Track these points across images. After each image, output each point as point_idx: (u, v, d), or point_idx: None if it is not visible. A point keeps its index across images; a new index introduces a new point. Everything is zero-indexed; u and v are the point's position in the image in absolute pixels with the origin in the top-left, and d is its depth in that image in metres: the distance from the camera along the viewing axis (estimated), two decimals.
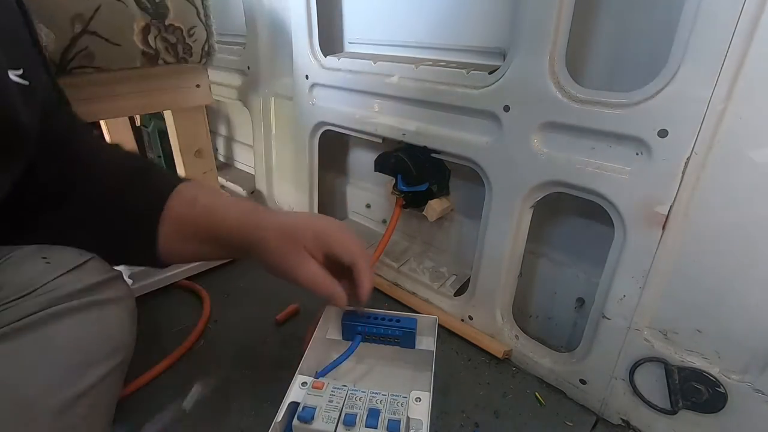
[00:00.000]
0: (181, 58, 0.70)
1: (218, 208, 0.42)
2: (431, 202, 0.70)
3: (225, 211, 0.42)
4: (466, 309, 0.64)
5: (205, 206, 0.42)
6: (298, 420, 0.36)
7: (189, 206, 0.41)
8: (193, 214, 0.41)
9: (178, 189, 0.42)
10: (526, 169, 0.51)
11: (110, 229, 0.41)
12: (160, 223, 0.40)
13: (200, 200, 0.42)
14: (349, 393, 0.38)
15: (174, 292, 0.72)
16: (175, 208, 0.41)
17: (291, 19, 0.74)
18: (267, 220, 0.42)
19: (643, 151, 0.42)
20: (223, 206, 0.42)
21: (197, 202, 0.42)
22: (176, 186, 0.42)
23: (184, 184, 0.43)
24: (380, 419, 0.36)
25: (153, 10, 0.63)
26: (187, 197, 0.42)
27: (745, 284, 0.39)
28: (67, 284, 0.40)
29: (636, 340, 0.47)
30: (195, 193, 0.42)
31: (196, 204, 0.42)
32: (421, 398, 0.38)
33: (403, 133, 0.64)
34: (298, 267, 0.41)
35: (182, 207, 0.41)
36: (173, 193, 0.41)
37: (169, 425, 0.50)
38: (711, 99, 0.37)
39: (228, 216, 0.42)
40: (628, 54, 0.48)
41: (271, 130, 0.91)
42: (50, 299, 0.38)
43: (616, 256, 0.46)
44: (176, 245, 0.42)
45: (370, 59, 0.66)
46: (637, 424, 0.50)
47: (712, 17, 0.35)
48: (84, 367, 0.38)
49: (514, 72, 0.49)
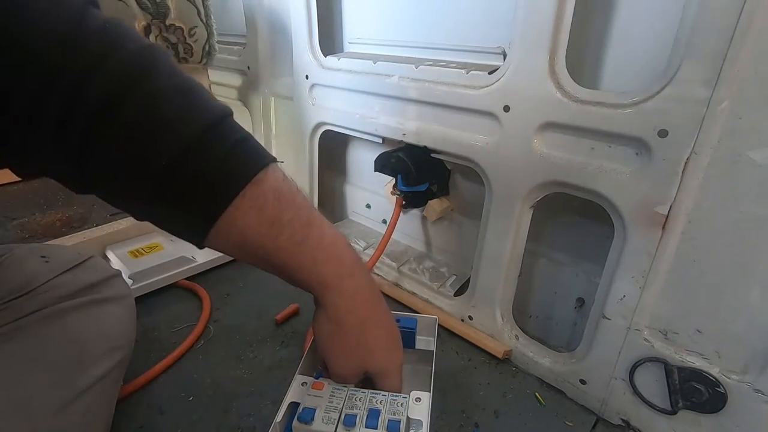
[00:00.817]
0: (181, 58, 0.70)
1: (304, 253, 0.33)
2: (431, 202, 0.70)
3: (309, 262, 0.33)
4: (466, 309, 0.64)
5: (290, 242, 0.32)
6: (298, 420, 0.36)
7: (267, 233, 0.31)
8: (270, 245, 0.31)
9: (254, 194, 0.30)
10: (526, 169, 0.51)
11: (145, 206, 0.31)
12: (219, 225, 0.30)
13: (285, 233, 0.32)
14: (349, 393, 0.38)
15: (174, 292, 0.72)
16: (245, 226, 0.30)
17: (291, 19, 0.74)
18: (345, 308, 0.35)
19: (643, 151, 0.42)
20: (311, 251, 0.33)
21: (281, 234, 0.31)
22: (249, 180, 0.30)
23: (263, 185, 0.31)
24: (380, 419, 0.36)
25: (154, 9, 0.63)
26: (266, 217, 0.31)
27: (745, 284, 0.39)
28: (66, 283, 0.40)
29: (636, 340, 0.47)
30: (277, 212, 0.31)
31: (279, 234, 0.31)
32: (421, 398, 0.38)
33: (403, 133, 0.64)
34: (345, 373, 0.38)
35: (256, 227, 0.31)
36: (244, 200, 0.30)
37: (169, 425, 0.50)
38: (711, 99, 0.37)
39: (309, 271, 0.33)
40: (628, 54, 0.48)
41: (271, 130, 0.91)
42: (49, 298, 0.38)
43: (616, 256, 0.46)
44: (231, 251, 0.33)
45: (370, 59, 0.66)
46: (637, 424, 0.50)
47: (712, 17, 0.35)
48: (83, 366, 0.38)
49: (514, 72, 0.49)
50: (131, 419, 0.50)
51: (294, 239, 0.32)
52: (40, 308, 0.38)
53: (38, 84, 0.24)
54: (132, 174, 0.28)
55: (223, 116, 0.30)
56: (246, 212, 0.30)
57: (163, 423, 0.50)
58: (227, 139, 0.30)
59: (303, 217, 0.33)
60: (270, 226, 0.31)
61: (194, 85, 0.30)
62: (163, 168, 0.28)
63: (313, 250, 0.33)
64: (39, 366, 0.35)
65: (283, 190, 0.32)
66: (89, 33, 0.26)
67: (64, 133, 0.26)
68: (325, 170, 0.87)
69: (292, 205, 0.32)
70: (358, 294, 0.36)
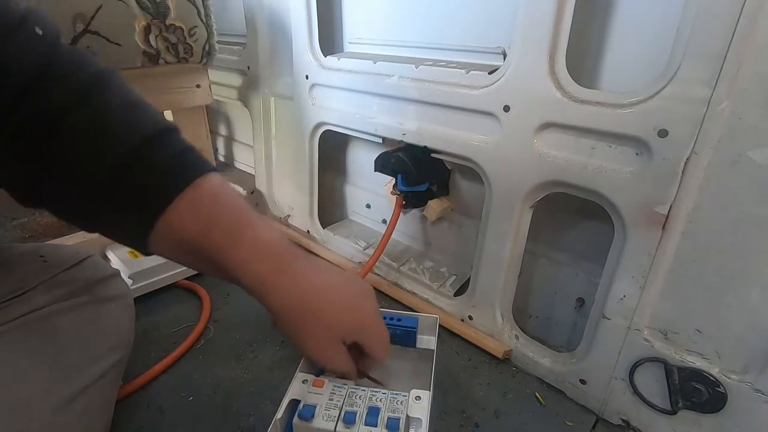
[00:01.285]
0: (181, 58, 0.70)
1: (242, 252, 0.33)
2: (431, 202, 0.70)
3: (249, 261, 0.33)
4: (466, 309, 0.64)
5: (224, 240, 0.32)
6: (298, 418, 0.36)
7: (202, 231, 0.32)
8: (204, 243, 0.32)
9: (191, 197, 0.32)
10: (526, 169, 0.51)
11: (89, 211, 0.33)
12: (157, 226, 0.32)
13: (217, 230, 0.32)
14: (349, 391, 0.38)
15: (174, 292, 0.72)
16: (182, 226, 0.32)
17: (291, 19, 0.74)
18: (294, 295, 0.35)
19: (643, 151, 0.42)
20: (247, 249, 0.33)
21: (214, 231, 0.32)
22: (187, 185, 0.32)
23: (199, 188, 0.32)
24: (380, 417, 0.36)
25: (154, 9, 0.63)
26: (202, 217, 0.32)
27: (745, 284, 0.39)
28: (64, 283, 0.40)
29: (636, 340, 0.47)
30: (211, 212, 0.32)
31: (212, 232, 0.32)
32: (420, 397, 0.38)
33: (403, 133, 0.64)
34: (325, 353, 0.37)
35: (192, 227, 0.32)
36: (181, 203, 0.31)
37: (169, 425, 0.50)
38: (711, 99, 0.37)
39: (251, 269, 0.34)
40: (628, 54, 0.48)
41: (271, 130, 0.91)
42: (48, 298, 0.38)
43: (616, 256, 0.46)
44: (172, 254, 0.34)
45: (370, 59, 0.66)
46: (637, 424, 0.50)
47: (712, 17, 0.35)
48: (82, 365, 0.38)
49: (514, 72, 0.49)
50: (131, 419, 0.50)
51: (229, 239, 0.33)
52: (38, 308, 0.37)
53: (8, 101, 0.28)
54: (79, 179, 0.30)
55: (166, 129, 0.33)
56: (183, 213, 0.32)
57: (163, 423, 0.50)
58: (169, 149, 0.32)
59: (238, 219, 0.34)
60: (205, 225, 0.32)
61: (141, 102, 0.33)
62: (108, 172, 0.30)
63: (247, 251, 0.33)
64: (38, 365, 0.35)
65: (220, 194, 0.33)
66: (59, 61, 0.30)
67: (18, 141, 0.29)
68: (325, 170, 0.87)
69: (227, 207, 0.33)
70: (297, 282, 0.35)
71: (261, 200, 0.97)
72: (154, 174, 0.31)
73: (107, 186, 0.30)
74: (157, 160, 0.31)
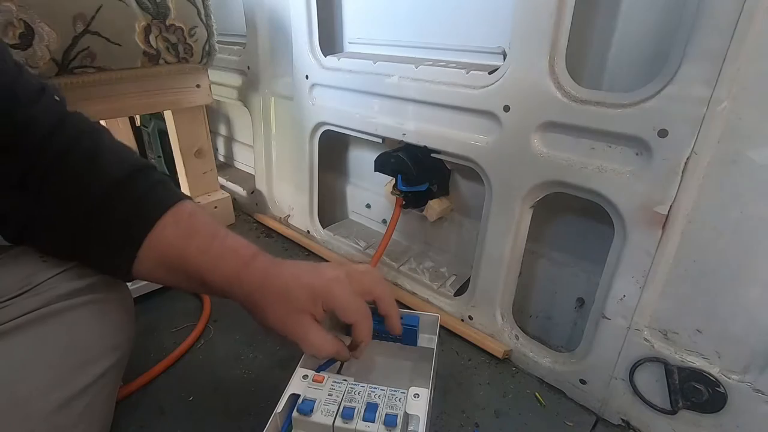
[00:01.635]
0: (182, 58, 0.70)
1: (210, 257, 0.38)
2: (431, 202, 0.70)
3: (216, 262, 0.38)
4: (466, 309, 0.64)
5: (197, 249, 0.38)
6: (297, 412, 0.36)
7: (180, 240, 0.38)
8: (182, 253, 0.38)
9: (175, 213, 0.38)
10: (526, 169, 0.51)
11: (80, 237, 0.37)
12: (144, 246, 0.37)
13: (193, 241, 0.38)
14: (349, 387, 0.39)
15: (174, 292, 0.72)
16: (166, 239, 0.37)
17: (291, 19, 0.74)
18: (257, 280, 0.38)
19: (643, 151, 0.42)
20: (215, 255, 0.38)
21: (191, 242, 0.38)
22: (169, 208, 0.38)
23: (177, 208, 0.38)
24: (378, 413, 0.36)
25: (154, 10, 0.63)
26: (182, 229, 0.38)
27: (745, 284, 0.39)
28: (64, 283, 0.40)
29: (636, 340, 0.47)
30: (190, 226, 0.38)
31: (189, 243, 0.38)
32: (419, 394, 0.38)
33: (403, 133, 0.64)
34: (298, 332, 0.38)
35: (172, 240, 0.37)
36: (166, 216, 0.38)
37: (169, 425, 0.50)
38: (711, 99, 0.37)
39: (218, 269, 0.38)
40: (628, 54, 0.48)
41: (271, 130, 0.91)
42: (47, 298, 0.38)
43: (616, 256, 0.46)
44: (155, 272, 0.39)
45: (370, 59, 0.66)
46: (637, 424, 0.50)
47: (712, 17, 0.35)
48: (81, 366, 0.38)
49: (514, 72, 0.49)
50: (131, 419, 0.50)
51: (201, 248, 0.38)
52: (38, 307, 0.37)
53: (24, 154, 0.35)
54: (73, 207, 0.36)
55: (145, 167, 0.39)
56: (164, 228, 0.37)
57: (163, 423, 0.50)
58: (149, 181, 0.39)
59: (210, 232, 0.39)
60: (183, 238, 0.38)
61: (124, 147, 0.40)
62: (100, 197, 0.36)
63: (215, 257, 0.38)
64: (38, 365, 0.35)
65: (195, 213, 0.39)
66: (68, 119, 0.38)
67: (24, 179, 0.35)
68: (325, 170, 0.87)
69: (202, 223, 0.39)
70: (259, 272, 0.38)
71: (261, 200, 0.97)
72: (138, 202, 0.37)
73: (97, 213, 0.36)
74: (139, 190, 0.38)
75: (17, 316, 0.36)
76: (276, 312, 0.38)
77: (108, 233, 0.37)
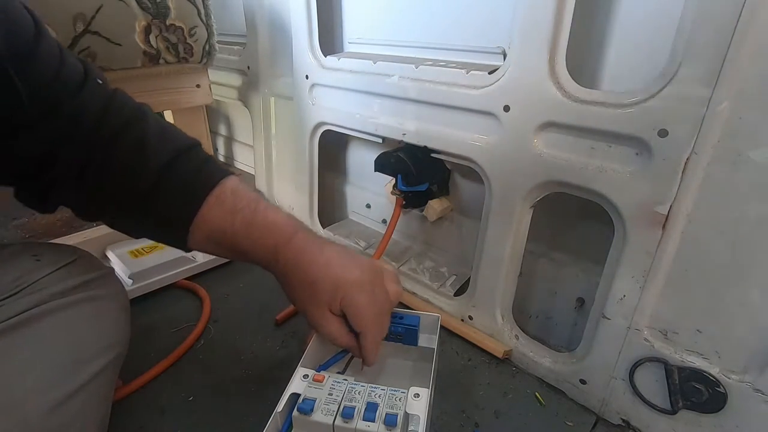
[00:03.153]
0: (182, 58, 0.70)
1: (252, 232, 0.40)
2: (431, 202, 0.70)
3: (257, 237, 0.40)
4: (466, 309, 0.64)
5: (240, 224, 0.39)
6: (297, 411, 0.36)
7: (226, 220, 0.39)
8: (228, 230, 0.39)
9: (217, 193, 0.39)
10: (526, 169, 0.51)
11: (139, 213, 0.40)
12: (194, 224, 0.39)
13: (236, 217, 0.39)
14: (349, 387, 0.38)
15: (174, 292, 0.72)
16: (211, 219, 0.39)
17: (291, 19, 0.74)
18: (292, 260, 0.39)
19: (643, 151, 0.42)
20: (257, 230, 0.40)
21: (235, 219, 0.39)
22: (216, 184, 0.40)
23: (220, 187, 0.40)
24: (378, 413, 0.36)
25: (154, 9, 0.63)
26: (226, 208, 0.39)
27: (745, 284, 0.39)
28: (58, 281, 0.40)
29: (636, 340, 0.47)
30: (233, 203, 0.40)
31: (232, 220, 0.39)
32: (419, 394, 0.38)
33: (403, 133, 0.64)
34: (316, 321, 0.40)
35: (218, 218, 0.39)
36: (211, 198, 0.39)
37: (169, 425, 0.50)
38: (711, 99, 0.37)
39: (259, 244, 0.40)
40: (628, 54, 0.48)
41: (271, 130, 0.91)
42: (41, 296, 0.38)
43: (616, 256, 0.46)
44: (206, 247, 0.41)
45: (370, 59, 0.66)
46: (637, 424, 0.50)
47: (712, 17, 0.35)
48: (77, 364, 0.38)
49: (514, 72, 0.49)
50: (131, 419, 0.50)
51: (244, 222, 0.39)
52: (32, 306, 0.37)
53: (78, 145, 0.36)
54: (128, 195, 0.38)
55: (192, 145, 0.41)
56: (212, 207, 0.39)
57: (163, 423, 0.50)
58: (195, 160, 0.40)
59: (252, 206, 0.40)
60: (228, 214, 0.39)
61: (171, 127, 0.41)
62: (151, 182, 0.37)
63: (259, 230, 0.40)
64: (33, 365, 0.35)
65: (239, 189, 0.41)
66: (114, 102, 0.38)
67: (83, 171, 0.37)
68: (325, 170, 0.87)
69: (245, 198, 0.40)
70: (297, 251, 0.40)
71: None
72: (187, 181, 0.39)
73: (151, 193, 0.38)
74: (187, 170, 0.39)
75: (11, 316, 0.36)
76: (301, 298, 0.40)
77: (162, 217, 0.39)
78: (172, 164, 0.38)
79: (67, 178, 0.37)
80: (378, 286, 0.41)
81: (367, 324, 0.40)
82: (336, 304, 0.39)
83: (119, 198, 0.38)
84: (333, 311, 0.40)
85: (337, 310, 0.40)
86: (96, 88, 0.38)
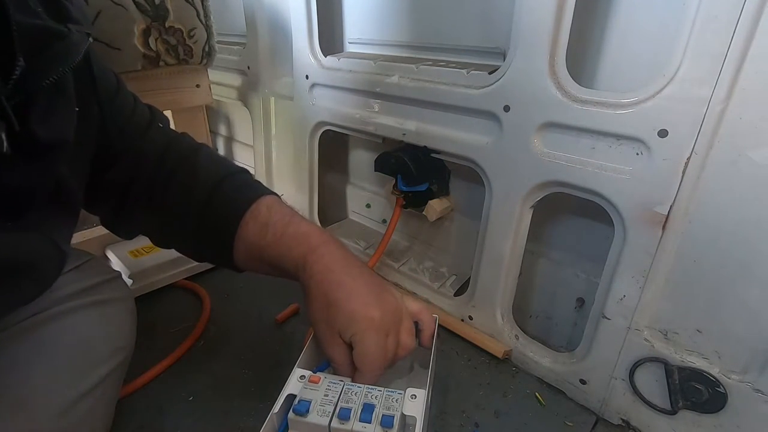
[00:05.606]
0: (181, 60, 0.70)
1: (283, 243, 0.40)
2: (431, 202, 0.70)
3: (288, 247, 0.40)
4: (466, 309, 0.64)
5: (272, 238, 0.40)
6: (293, 412, 0.36)
7: (260, 234, 0.41)
8: (261, 243, 0.40)
9: (253, 210, 0.41)
10: (526, 169, 0.51)
11: (194, 237, 0.43)
12: (235, 242, 0.41)
13: (269, 231, 0.41)
14: (345, 388, 0.38)
15: (174, 292, 0.72)
16: (247, 234, 0.41)
17: (291, 19, 0.74)
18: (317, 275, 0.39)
19: (643, 151, 0.42)
20: (287, 240, 0.40)
21: (267, 232, 0.41)
22: (249, 207, 0.41)
23: (257, 205, 0.41)
24: (374, 414, 0.36)
25: (153, 12, 0.63)
26: (260, 222, 0.41)
27: (745, 284, 0.39)
28: (67, 285, 0.40)
29: (636, 340, 0.47)
30: (267, 218, 0.41)
31: (265, 234, 0.41)
32: (416, 395, 0.38)
33: (403, 133, 0.64)
34: (324, 341, 0.40)
35: (253, 233, 0.41)
36: (247, 215, 0.41)
37: (169, 425, 0.50)
38: (711, 99, 0.37)
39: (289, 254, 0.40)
40: (628, 54, 0.48)
41: (271, 130, 0.91)
42: (51, 300, 0.38)
43: (616, 256, 0.46)
44: (250, 264, 0.43)
45: (370, 59, 0.66)
46: (637, 424, 0.50)
47: (712, 17, 0.35)
48: (86, 367, 0.38)
49: (514, 72, 0.49)
50: (131, 419, 0.50)
51: (276, 235, 0.40)
52: (42, 310, 0.38)
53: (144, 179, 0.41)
54: (183, 212, 0.42)
55: (239, 170, 0.44)
56: (248, 223, 0.41)
57: (163, 423, 0.50)
58: (234, 184, 0.43)
59: (286, 219, 0.41)
60: (261, 227, 0.40)
61: (222, 157, 0.46)
62: (202, 204, 0.41)
63: (289, 240, 0.40)
64: (42, 367, 0.35)
65: (274, 205, 0.42)
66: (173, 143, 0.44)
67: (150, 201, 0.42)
68: (325, 170, 0.87)
69: (279, 212, 0.42)
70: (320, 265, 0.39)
71: None
72: (229, 201, 0.42)
73: (202, 214, 0.41)
74: (229, 193, 0.42)
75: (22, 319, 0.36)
76: (316, 314, 0.40)
77: (212, 237, 0.42)
78: (220, 185, 0.42)
79: (135, 207, 0.42)
80: (393, 334, 0.40)
81: (367, 366, 0.39)
82: (347, 335, 0.38)
83: (180, 221, 0.42)
84: (343, 338, 0.39)
85: (347, 340, 0.39)
86: (157, 134, 0.43)
